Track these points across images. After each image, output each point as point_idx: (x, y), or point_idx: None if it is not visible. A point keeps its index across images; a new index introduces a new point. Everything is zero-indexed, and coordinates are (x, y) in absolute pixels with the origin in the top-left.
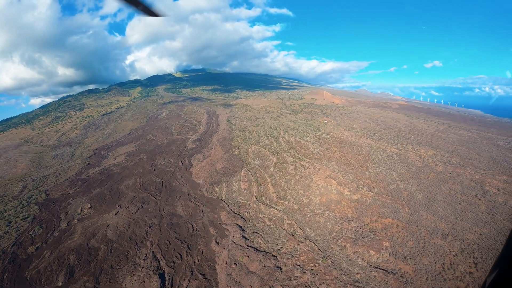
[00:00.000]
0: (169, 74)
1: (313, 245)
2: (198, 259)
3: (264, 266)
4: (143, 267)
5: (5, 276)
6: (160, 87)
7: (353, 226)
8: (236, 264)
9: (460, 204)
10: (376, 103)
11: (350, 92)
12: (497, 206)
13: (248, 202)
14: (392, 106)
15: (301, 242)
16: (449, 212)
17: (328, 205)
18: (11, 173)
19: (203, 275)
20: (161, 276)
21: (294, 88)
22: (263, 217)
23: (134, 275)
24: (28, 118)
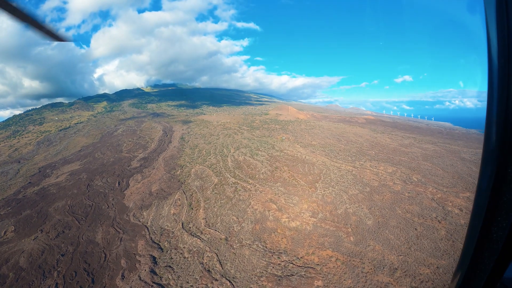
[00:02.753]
0: (138, 89)
1: (229, 284)
2: None
3: None
4: None
5: None
6: (126, 101)
7: (283, 261)
8: None
9: (416, 229)
10: (342, 118)
11: (319, 107)
12: (459, 230)
13: (173, 230)
14: (359, 120)
15: (216, 280)
16: (402, 240)
17: (260, 234)
18: None
19: None
20: None
21: (263, 104)
22: (184, 247)
23: None
24: None
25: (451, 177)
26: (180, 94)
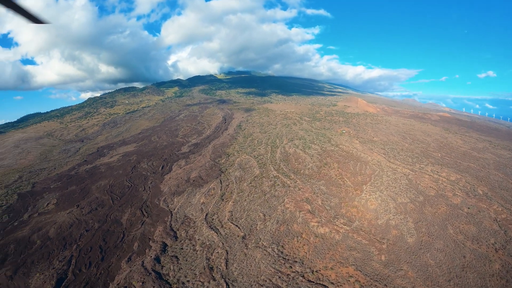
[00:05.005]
0: (210, 75)
1: (225, 287)
2: (100, 273)
3: None
4: (53, 268)
5: None
6: (197, 87)
7: (294, 271)
8: None
9: (464, 257)
10: (414, 114)
11: (394, 101)
12: None
13: (196, 220)
14: (432, 117)
15: (214, 280)
16: (443, 269)
17: (282, 237)
18: (18, 164)
19: None
20: (60, 281)
21: (335, 95)
22: (198, 239)
23: (43, 273)
24: (63, 112)
25: None
26: (252, 81)
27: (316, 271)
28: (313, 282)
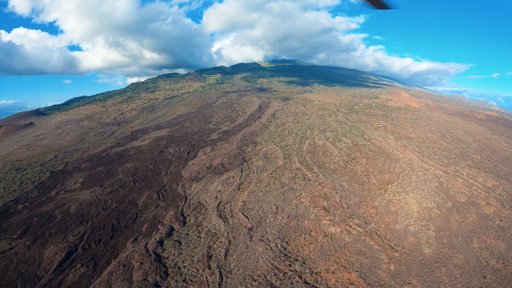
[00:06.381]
0: (254, 63)
1: (217, 277)
2: (106, 250)
3: (145, 279)
4: (67, 242)
5: None
6: (239, 75)
7: (292, 270)
8: (125, 267)
9: (485, 277)
10: (459, 111)
11: (441, 97)
12: None
13: (208, 207)
14: (478, 116)
15: (209, 268)
16: None
17: (289, 232)
18: (57, 144)
19: (95, 265)
20: (69, 254)
21: (379, 87)
22: (205, 227)
23: (56, 245)
24: (106, 96)
25: None
26: (295, 70)
27: (315, 273)
28: (310, 284)
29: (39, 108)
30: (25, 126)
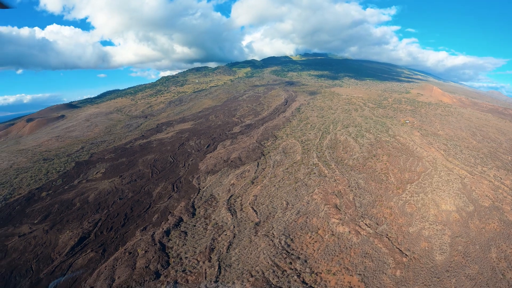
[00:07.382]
0: (285, 57)
1: (216, 270)
2: (116, 237)
3: (147, 267)
4: (81, 228)
5: (16, 208)
6: (269, 68)
7: (292, 269)
8: (130, 254)
9: None
10: (493, 108)
11: (476, 92)
12: None
13: (219, 200)
14: None
15: (209, 261)
16: None
17: (296, 229)
18: (85, 136)
19: (104, 251)
20: (82, 239)
21: (412, 81)
22: (213, 219)
23: (72, 231)
24: (136, 90)
25: None
26: (326, 64)
27: (315, 273)
28: (307, 284)
29: (72, 102)
30: (57, 119)
